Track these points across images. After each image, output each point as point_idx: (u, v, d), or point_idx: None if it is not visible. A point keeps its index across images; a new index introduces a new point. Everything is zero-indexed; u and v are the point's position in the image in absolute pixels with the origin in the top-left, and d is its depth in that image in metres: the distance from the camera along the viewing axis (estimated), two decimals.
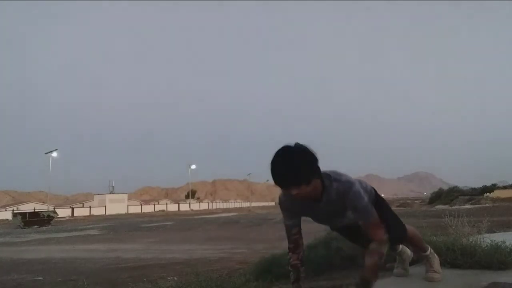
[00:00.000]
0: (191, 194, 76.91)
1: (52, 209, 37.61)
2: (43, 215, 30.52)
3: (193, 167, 68.81)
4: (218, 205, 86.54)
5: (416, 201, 57.30)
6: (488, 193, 44.75)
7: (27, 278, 5.77)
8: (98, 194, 59.99)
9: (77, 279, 4.82)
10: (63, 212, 46.04)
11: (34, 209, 37.54)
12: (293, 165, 1.71)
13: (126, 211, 56.66)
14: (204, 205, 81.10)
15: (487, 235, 3.51)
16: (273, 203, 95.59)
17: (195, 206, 74.32)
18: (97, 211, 54.04)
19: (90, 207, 56.22)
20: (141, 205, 66.14)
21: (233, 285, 2.61)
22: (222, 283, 2.66)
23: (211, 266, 5.41)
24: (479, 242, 2.88)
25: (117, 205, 56.74)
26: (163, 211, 59.83)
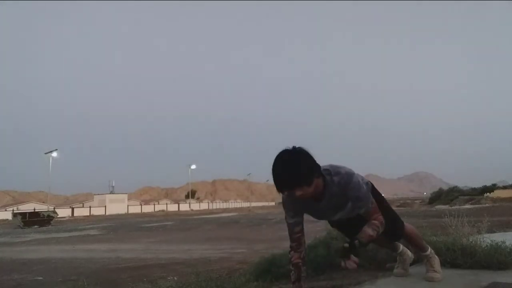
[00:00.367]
0: (191, 194, 77.01)
1: (52, 209, 37.65)
2: (43, 215, 30.52)
3: (193, 167, 69.00)
4: (218, 205, 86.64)
5: (416, 201, 57.37)
6: (488, 193, 44.85)
7: (27, 278, 5.78)
8: (98, 194, 60.11)
9: (77, 279, 4.81)
10: (63, 212, 46.13)
11: (34, 209, 37.64)
12: (293, 168, 1.76)
13: (126, 211, 56.75)
14: (204, 205, 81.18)
15: (487, 235, 3.51)
16: (273, 203, 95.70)
17: (195, 206, 74.40)
18: (97, 211, 54.13)
19: (90, 207, 56.30)
20: (141, 205, 66.25)
21: (233, 285, 2.61)
22: (222, 283, 2.67)
23: (211, 266, 5.42)
24: (479, 242, 2.88)
25: (117, 205, 56.83)
26: (163, 211, 59.85)
